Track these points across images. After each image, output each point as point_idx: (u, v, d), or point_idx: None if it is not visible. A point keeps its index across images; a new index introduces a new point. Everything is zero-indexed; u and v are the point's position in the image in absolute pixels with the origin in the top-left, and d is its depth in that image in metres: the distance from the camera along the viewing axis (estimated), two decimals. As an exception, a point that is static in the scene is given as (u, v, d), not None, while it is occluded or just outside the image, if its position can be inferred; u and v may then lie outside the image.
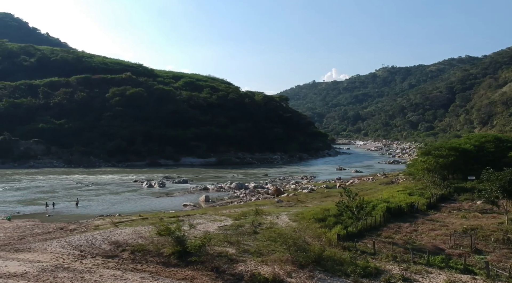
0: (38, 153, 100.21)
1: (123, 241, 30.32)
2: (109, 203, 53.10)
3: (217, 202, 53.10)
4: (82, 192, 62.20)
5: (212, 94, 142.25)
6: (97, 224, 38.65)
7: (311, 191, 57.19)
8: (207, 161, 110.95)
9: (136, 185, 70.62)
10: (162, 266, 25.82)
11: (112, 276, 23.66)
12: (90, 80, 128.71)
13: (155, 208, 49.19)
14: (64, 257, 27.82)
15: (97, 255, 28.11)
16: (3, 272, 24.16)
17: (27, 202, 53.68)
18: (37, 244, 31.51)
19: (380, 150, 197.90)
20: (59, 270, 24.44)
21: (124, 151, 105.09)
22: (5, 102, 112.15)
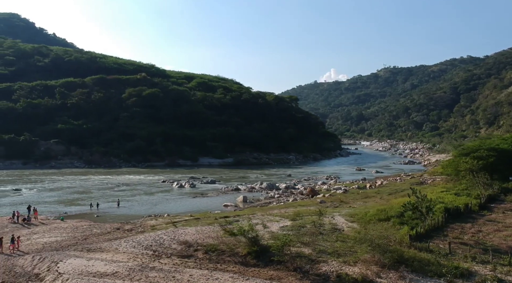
0: (58, 153, 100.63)
1: (193, 241, 30.83)
2: (150, 203, 53.64)
3: (255, 202, 53.68)
4: (116, 192, 62.72)
5: (226, 94, 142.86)
6: (152, 224, 39.16)
7: (345, 191, 57.79)
8: (225, 161, 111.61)
9: (165, 185, 71.18)
10: (242, 266, 26.34)
11: (202, 275, 24.18)
12: (106, 80, 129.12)
13: (198, 208, 49.72)
14: (140, 257, 28.36)
15: (172, 255, 28.64)
16: (93, 271, 24.68)
17: (66, 202, 54.16)
18: (105, 244, 32.04)
19: (388, 150, 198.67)
20: (147, 270, 24.97)
21: (143, 151, 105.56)
22: (23, 103, 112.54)
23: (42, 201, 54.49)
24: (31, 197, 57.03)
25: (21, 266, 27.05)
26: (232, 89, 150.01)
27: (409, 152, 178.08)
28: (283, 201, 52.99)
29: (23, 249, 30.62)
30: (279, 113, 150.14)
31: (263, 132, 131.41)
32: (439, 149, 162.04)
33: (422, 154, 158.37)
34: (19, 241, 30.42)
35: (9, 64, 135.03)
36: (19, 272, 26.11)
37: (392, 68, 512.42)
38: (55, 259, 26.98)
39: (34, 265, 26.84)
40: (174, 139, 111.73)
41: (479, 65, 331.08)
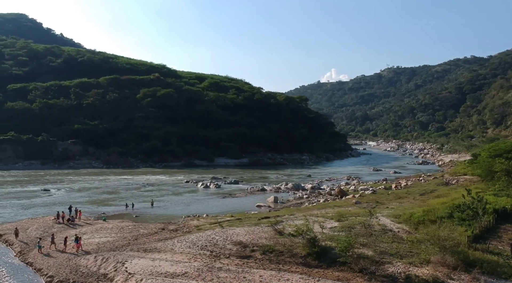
0: (76, 153, 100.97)
1: (247, 241, 31.06)
2: (182, 203, 53.92)
3: (286, 203, 53.92)
4: (144, 192, 63.03)
5: (238, 95, 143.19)
6: (195, 224, 39.35)
7: (374, 192, 57.99)
8: (240, 161, 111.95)
9: (190, 185, 71.43)
10: (305, 267, 26.54)
11: (271, 276, 24.43)
12: (119, 81, 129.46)
13: (231, 209, 49.90)
14: (200, 257, 28.63)
15: (231, 256, 28.89)
16: (163, 272, 24.94)
17: (98, 202, 54.40)
18: (159, 244, 32.31)
19: (396, 150, 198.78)
20: (215, 270, 25.21)
21: (159, 151, 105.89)
22: (38, 103, 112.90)
23: (73, 201, 54.58)
24: (62, 198, 57.31)
25: (85, 266, 27.32)
26: (244, 90, 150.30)
27: (418, 152, 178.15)
28: (314, 202, 53.18)
29: (70, 250, 30.88)
30: (291, 113, 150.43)
31: (276, 132, 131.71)
32: (449, 149, 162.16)
33: (433, 154, 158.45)
34: (80, 240, 30.67)
35: (22, 64, 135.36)
36: (85, 272, 26.39)
37: (395, 68, 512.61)
38: (120, 259, 27.25)
39: (99, 265, 27.11)
40: (189, 140, 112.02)
41: (484, 66, 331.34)
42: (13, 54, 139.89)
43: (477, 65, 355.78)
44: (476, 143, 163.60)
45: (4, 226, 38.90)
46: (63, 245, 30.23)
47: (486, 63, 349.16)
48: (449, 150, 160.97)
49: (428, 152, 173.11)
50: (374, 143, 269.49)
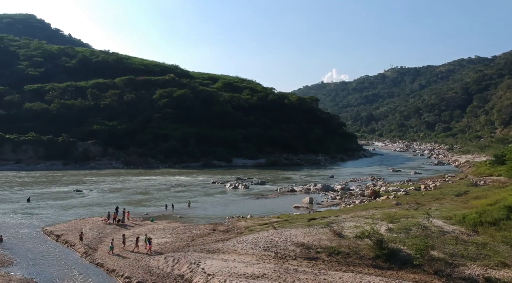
0: (96, 154, 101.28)
1: (308, 243, 31.31)
2: (218, 204, 54.22)
3: (322, 204, 54.16)
4: (175, 193, 63.34)
5: (253, 95, 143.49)
6: (244, 225, 39.62)
7: (406, 193, 58.21)
8: (258, 161, 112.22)
9: (217, 186, 71.71)
10: (376, 269, 26.74)
11: (350, 278, 24.66)
12: (135, 81, 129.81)
13: (269, 209, 50.05)
14: (267, 259, 28.89)
15: (297, 257, 29.15)
16: (242, 273, 25.17)
17: (133, 203, 54.65)
18: (219, 245, 32.60)
19: (406, 150, 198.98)
20: (292, 271, 25.44)
21: (178, 152, 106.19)
22: (56, 104, 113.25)
23: (109, 202, 54.97)
24: (97, 198, 57.59)
25: (157, 267, 27.56)
26: (257, 90, 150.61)
27: (428, 153, 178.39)
28: (350, 203, 53.44)
29: (141, 250, 31.14)
30: (303, 114, 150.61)
31: (290, 133, 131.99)
32: (461, 149, 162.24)
33: (445, 155, 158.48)
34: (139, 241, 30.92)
35: (37, 65, 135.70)
36: (159, 273, 26.63)
37: (399, 69, 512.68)
38: (192, 260, 27.50)
39: (172, 266, 27.34)
40: (206, 140, 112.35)
41: (490, 66, 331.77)
42: (28, 55, 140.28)
43: (482, 66, 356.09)
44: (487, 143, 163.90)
45: (57, 226, 39.19)
46: (134, 246, 30.45)
47: (491, 64, 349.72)
48: (461, 150, 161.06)
49: (439, 152, 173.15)
50: (380, 143, 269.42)
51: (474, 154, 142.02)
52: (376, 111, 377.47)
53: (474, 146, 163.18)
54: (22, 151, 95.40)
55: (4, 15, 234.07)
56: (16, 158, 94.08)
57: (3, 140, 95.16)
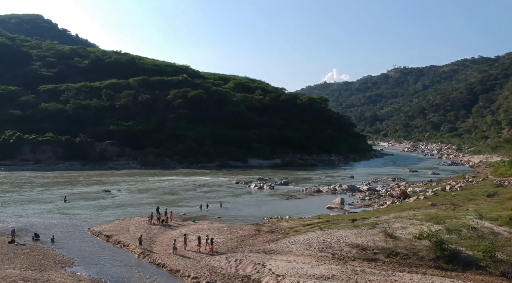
0: (113, 154, 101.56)
1: (363, 244, 31.53)
2: (250, 204, 54.51)
3: (355, 205, 54.41)
4: (203, 193, 63.59)
5: (265, 96, 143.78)
6: (287, 226, 39.87)
7: (435, 194, 58.49)
8: (273, 162, 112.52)
9: (241, 186, 71.95)
10: (440, 270, 26.87)
11: (420, 279, 24.73)
12: (149, 82, 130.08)
13: (303, 210, 50.14)
14: (326, 259, 29.14)
15: (356, 258, 29.36)
16: (310, 274, 25.38)
17: (165, 203, 54.46)
18: (271, 245, 32.88)
19: (414, 151, 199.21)
20: (360, 273, 25.61)
21: (194, 152, 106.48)
22: (72, 104, 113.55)
23: (141, 202, 55.26)
24: (127, 199, 57.83)
25: (220, 267, 27.79)
26: (270, 90, 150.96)
27: (437, 153, 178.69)
28: (382, 204, 53.71)
29: (193, 249, 31.38)
30: (315, 114, 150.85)
31: (303, 133, 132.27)
32: (472, 150, 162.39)
33: (456, 155, 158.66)
34: (198, 241, 31.17)
35: (51, 65, 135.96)
36: (224, 273, 26.85)
37: (402, 69, 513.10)
38: (256, 261, 27.74)
39: (235, 266, 27.57)
40: (221, 141, 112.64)
41: (494, 66, 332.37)
42: (40, 55, 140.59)
43: (487, 66, 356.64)
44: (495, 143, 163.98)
45: (103, 227, 39.45)
46: (197, 246, 30.72)
47: (495, 64, 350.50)
48: (472, 150, 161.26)
49: (448, 152, 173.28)
50: (386, 143, 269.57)
51: (485, 154, 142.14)
52: (380, 112, 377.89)
53: (485, 146, 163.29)
54: (41, 151, 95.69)
55: (12, 15, 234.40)
56: (35, 158, 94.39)
57: (22, 141, 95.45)
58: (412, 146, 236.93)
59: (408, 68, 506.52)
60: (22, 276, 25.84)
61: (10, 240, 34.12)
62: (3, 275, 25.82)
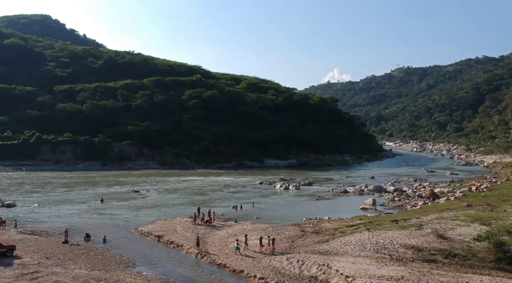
0: (132, 154, 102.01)
1: (418, 245, 31.74)
2: (283, 205, 54.88)
3: (387, 205, 54.71)
4: (231, 194, 64.11)
5: (278, 96, 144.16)
6: (330, 226, 40.04)
7: (464, 194, 58.74)
8: (289, 162, 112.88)
9: (266, 186, 72.33)
10: (503, 272, 27.07)
11: (491, 281, 24.84)
12: (163, 82, 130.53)
13: (337, 210, 50.08)
14: (385, 260, 29.40)
15: (414, 259, 29.53)
16: (379, 275, 25.51)
17: (197, 203, 54.93)
18: (323, 246, 33.16)
19: (423, 151, 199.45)
20: (427, 274, 25.81)
21: (211, 152, 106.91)
22: (89, 105, 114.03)
23: (173, 203, 55.64)
24: (160, 199, 58.17)
25: (282, 268, 28.01)
26: (282, 91, 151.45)
27: (446, 153, 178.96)
28: (414, 205, 53.97)
29: (252, 249, 31.57)
30: (327, 114, 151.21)
31: (316, 133, 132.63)
32: (483, 150, 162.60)
33: (467, 155, 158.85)
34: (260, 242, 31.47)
35: (65, 66, 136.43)
36: (289, 274, 27.07)
37: (406, 69, 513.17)
38: (319, 262, 28.01)
39: (298, 267, 27.78)
40: (237, 141, 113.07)
41: (499, 66, 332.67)
42: (54, 56, 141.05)
43: (492, 65, 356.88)
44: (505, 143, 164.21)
45: (149, 227, 39.82)
46: (259, 246, 31.04)
47: (500, 63, 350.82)
48: (483, 151, 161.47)
49: (459, 152, 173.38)
50: (392, 143, 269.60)
51: (497, 154, 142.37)
52: (385, 111, 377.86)
53: (495, 146, 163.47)
54: (60, 152, 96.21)
55: (21, 16, 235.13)
56: (55, 158, 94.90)
57: (41, 141, 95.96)
58: (420, 146, 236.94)
59: (412, 68, 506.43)
60: (92, 276, 26.17)
61: (64, 240, 34.48)
62: (73, 275, 26.17)
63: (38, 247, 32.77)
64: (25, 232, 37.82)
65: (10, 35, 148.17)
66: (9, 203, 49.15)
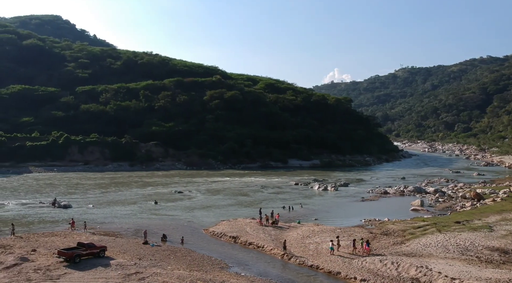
0: (158, 155, 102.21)
1: (501, 247, 32.40)
2: (330, 206, 55.37)
3: (435, 207, 55.03)
4: (274, 194, 64.46)
5: (297, 96, 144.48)
6: (396, 228, 40.24)
7: (509, 196, 59.09)
8: (313, 162, 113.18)
9: (302, 187, 72.63)
10: None
11: None
12: (183, 83, 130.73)
13: (387, 212, 50.36)
14: (475, 262, 29.54)
15: (505, 262, 29.74)
16: (484, 277, 25.50)
17: (245, 204, 55.77)
18: (405, 248, 33.38)
19: (434, 151, 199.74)
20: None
21: (236, 153, 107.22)
22: (113, 105, 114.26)
23: (221, 204, 55.88)
24: (206, 200, 58.38)
25: (378, 269, 28.20)
26: (300, 91, 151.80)
27: (459, 153, 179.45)
28: (462, 206, 54.31)
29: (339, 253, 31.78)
30: (344, 114, 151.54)
31: (336, 133, 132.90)
32: (498, 150, 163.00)
33: (483, 155, 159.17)
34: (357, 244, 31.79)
35: (84, 67, 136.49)
36: (388, 276, 27.26)
37: (410, 68, 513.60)
38: (416, 264, 28.24)
39: (395, 269, 27.95)
40: (260, 141, 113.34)
41: (505, 66, 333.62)
42: (74, 57, 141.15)
43: (497, 65, 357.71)
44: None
45: (218, 228, 40.17)
46: (352, 247, 31.35)
47: (505, 63, 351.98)
48: (498, 151, 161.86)
49: (473, 153, 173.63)
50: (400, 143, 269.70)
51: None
52: (391, 111, 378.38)
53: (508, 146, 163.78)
54: (89, 152, 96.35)
55: (33, 16, 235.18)
56: (84, 159, 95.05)
57: (69, 142, 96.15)
58: (429, 146, 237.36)
59: (416, 68, 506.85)
60: (195, 276, 26.37)
61: (144, 241, 34.77)
62: (176, 275, 26.38)
63: (122, 247, 33.07)
64: (98, 233, 38.12)
65: (28, 36, 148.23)
66: (65, 204, 49.42)
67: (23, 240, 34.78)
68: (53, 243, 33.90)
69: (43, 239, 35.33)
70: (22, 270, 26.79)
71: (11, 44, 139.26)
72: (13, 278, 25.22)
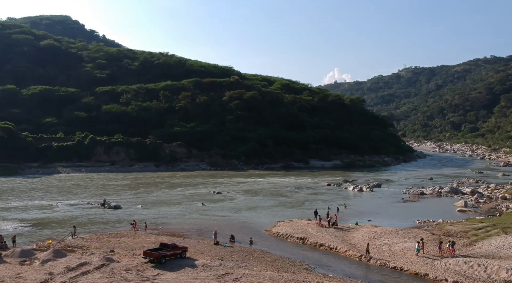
0: (182, 155, 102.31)
1: None
2: (375, 207, 55.27)
3: (478, 208, 55.16)
4: (314, 196, 64.52)
5: (314, 97, 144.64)
6: (455, 229, 40.29)
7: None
8: (334, 163, 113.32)
9: (335, 188, 72.73)
10: None
11: None
12: (202, 83, 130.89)
13: (433, 213, 50.15)
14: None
15: None
16: None
17: (288, 205, 55.80)
18: (476, 250, 33.43)
19: (445, 151, 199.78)
20: None
21: (258, 153, 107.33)
22: (134, 106, 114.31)
23: (264, 204, 55.94)
24: (247, 201, 58.40)
25: (465, 271, 28.14)
26: (316, 92, 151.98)
27: (471, 153, 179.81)
28: (506, 206, 54.46)
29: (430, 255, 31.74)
30: (360, 114, 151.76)
31: (354, 134, 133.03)
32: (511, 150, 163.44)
33: (497, 156, 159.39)
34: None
35: (102, 67, 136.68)
36: (479, 278, 27.18)
37: (413, 68, 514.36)
38: (504, 266, 28.18)
39: (482, 271, 27.97)
40: (280, 142, 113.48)
41: (510, 66, 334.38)
42: (91, 57, 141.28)
43: (502, 65, 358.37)
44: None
45: (280, 229, 40.19)
46: (438, 249, 31.41)
47: (510, 63, 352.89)
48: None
49: (485, 153, 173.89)
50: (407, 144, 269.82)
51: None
52: (396, 111, 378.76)
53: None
54: (114, 153, 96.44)
55: (43, 17, 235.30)
56: (110, 159, 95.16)
57: (95, 142, 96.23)
58: (438, 146, 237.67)
59: (420, 68, 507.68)
60: (286, 277, 26.29)
61: (215, 242, 34.84)
62: (268, 276, 26.32)
63: (196, 248, 33.16)
64: (164, 234, 38.20)
65: (44, 36, 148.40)
66: (115, 205, 49.51)
67: (94, 241, 34.88)
68: (127, 244, 34.03)
69: (114, 239, 35.45)
70: (113, 270, 26.86)
71: (28, 44, 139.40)
72: (110, 278, 25.30)
